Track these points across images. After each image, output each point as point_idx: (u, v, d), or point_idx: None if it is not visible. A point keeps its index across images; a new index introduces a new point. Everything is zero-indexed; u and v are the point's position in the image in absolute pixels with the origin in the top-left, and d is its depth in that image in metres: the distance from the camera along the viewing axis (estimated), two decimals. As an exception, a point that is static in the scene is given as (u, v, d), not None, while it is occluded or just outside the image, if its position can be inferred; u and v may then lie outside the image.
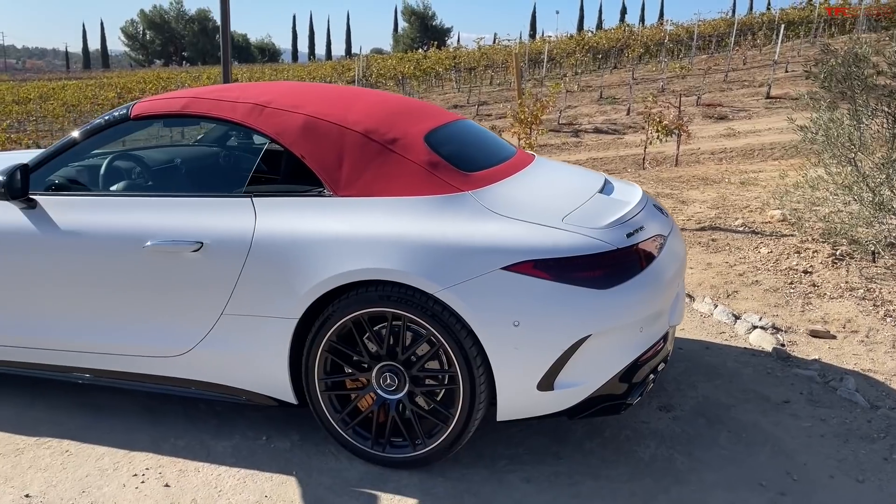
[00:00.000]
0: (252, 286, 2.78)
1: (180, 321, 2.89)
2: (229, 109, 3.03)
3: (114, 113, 3.16)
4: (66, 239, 2.95)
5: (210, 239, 2.80)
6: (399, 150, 2.86)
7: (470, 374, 2.58)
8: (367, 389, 2.78)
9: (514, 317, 2.52)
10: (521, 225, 2.63)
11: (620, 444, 2.97)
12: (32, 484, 2.65)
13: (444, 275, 2.54)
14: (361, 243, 2.65)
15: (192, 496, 2.60)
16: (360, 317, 2.68)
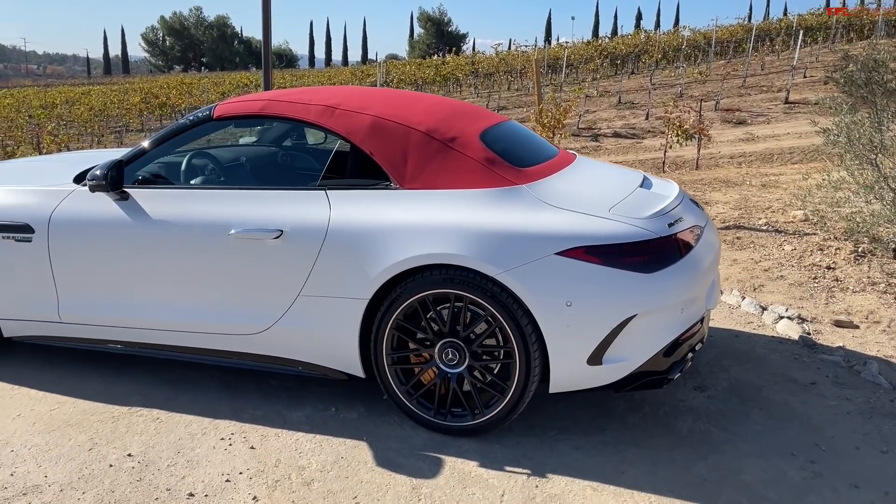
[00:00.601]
0: (327, 270, 3.07)
1: (260, 302, 3.19)
2: (303, 111, 3.33)
3: (197, 114, 3.47)
4: (157, 227, 3.26)
5: (289, 227, 3.09)
6: (458, 147, 3.15)
7: (525, 349, 2.86)
8: (430, 364, 3.06)
9: (567, 297, 2.79)
10: (572, 215, 2.91)
11: (660, 418, 3.23)
12: (132, 445, 2.95)
13: (504, 259, 2.82)
14: (427, 231, 2.93)
15: (275, 457, 2.89)
16: (426, 297, 2.96)
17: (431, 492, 2.68)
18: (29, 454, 2.88)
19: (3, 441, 2.96)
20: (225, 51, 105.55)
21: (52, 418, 3.15)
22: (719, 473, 2.81)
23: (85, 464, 2.82)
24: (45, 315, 3.50)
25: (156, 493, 2.65)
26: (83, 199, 3.39)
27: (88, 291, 3.41)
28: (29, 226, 3.41)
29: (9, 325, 3.58)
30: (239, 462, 2.85)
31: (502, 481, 2.74)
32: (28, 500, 2.59)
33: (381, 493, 2.67)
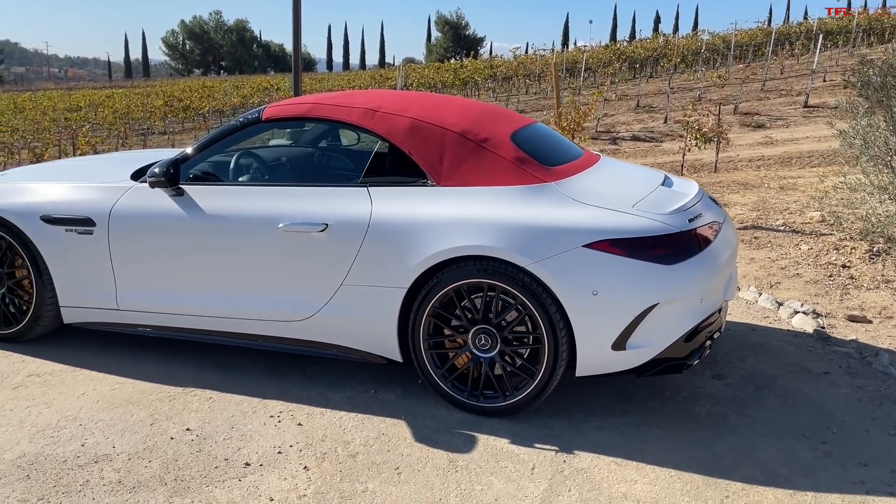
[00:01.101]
0: (368, 261, 3.30)
1: (305, 290, 3.43)
2: (346, 113, 3.57)
3: (246, 116, 3.72)
4: (210, 221, 3.51)
5: (334, 221, 3.33)
6: (490, 147, 3.37)
7: (554, 335, 3.07)
8: (463, 349, 3.28)
9: (593, 286, 3.01)
10: (598, 210, 3.12)
11: (679, 403, 3.43)
12: (190, 421, 3.20)
13: (534, 251, 3.04)
14: (463, 225, 3.16)
15: (322, 433, 3.13)
16: (461, 287, 3.18)
17: (467, 464, 2.90)
18: (96, 427, 3.13)
19: (71, 416, 3.22)
20: (244, 54, 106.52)
21: (113, 397, 3.41)
22: (735, 452, 3.01)
23: (148, 436, 3.07)
24: (104, 303, 3.76)
25: (215, 462, 2.89)
26: (141, 195, 3.65)
27: (144, 281, 3.67)
28: (90, 219, 3.67)
29: (70, 311, 3.84)
30: (288, 437, 3.09)
31: (532, 456, 2.96)
32: (100, 467, 2.83)
33: (420, 465, 2.89)
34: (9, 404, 3.32)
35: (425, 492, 2.72)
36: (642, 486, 2.77)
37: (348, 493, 2.71)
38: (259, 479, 2.78)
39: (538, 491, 2.73)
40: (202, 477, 2.79)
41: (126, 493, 2.67)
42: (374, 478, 2.80)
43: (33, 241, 3.74)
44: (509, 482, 2.78)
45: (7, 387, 3.49)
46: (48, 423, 3.15)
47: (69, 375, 3.62)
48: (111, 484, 2.72)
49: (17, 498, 2.63)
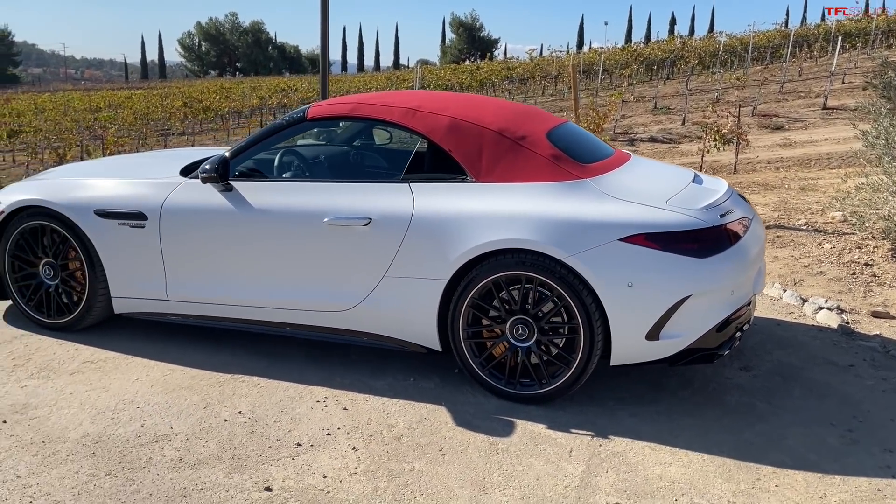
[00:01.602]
0: (410, 254, 3.44)
1: (349, 282, 3.58)
2: (387, 112, 3.73)
3: (292, 115, 3.89)
4: (258, 216, 3.67)
5: (377, 216, 3.48)
6: (527, 145, 3.51)
7: (590, 325, 3.21)
8: (501, 338, 3.42)
9: (629, 279, 3.14)
10: (633, 205, 3.25)
11: (709, 393, 3.56)
12: (241, 405, 3.36)
13: (572, 244, 3.18)
14: (502, 219, 3.30)
15: (367, 416, 3.28)
16: (499, 278, 3.32)
17: (507, 447, 3.04)
18: (153, 410, 3.29)
19: (128, 400, 3.39)
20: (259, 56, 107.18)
21: (166, 382, 3.57)
22: (765, 438, 3.13)
23: (203, 418, 3.23)
24: (154, 294, 3.93)
25: (268, 442, 3.04)
26: (191, 190, 3.81)
27: (194, 273, 3.83)
28: (142, 213, 3.84)
29: (121, 302, 4.02)
30: (336, 420, 3.24)
31: (569, 441, 3.09)
32: (160, 446, 3.00)
33: (463, 447, 3.03)
34: (68, 388, 3.49)
35: (469, 471, 2.86)
36: (676, 468, 2.90)
37: (396, 471, 2.85)
38: (311, 458, 2.93)
39: (577, 472, 2.86)
40: (257, 455, 2.94)
41: (187, 470, 2.83)
42: (419, 458, 2.95)
43: (87, 234, 3.92)
44: (549, 463, 2.92)
45: (65, 372, 3.66)
46: (107, 406, 3.32)
47: (122, 362, 3.79)
48: (173, 461, 2.88)
49: (86, 473, 2.79)
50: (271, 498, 2.67)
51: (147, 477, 2.78)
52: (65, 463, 2.86)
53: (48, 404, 3.33)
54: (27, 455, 2.90)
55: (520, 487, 2.76)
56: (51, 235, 4.06)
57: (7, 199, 4.10)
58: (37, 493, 2.65)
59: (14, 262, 4.14)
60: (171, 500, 2.64)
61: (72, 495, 2.65)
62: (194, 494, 2.67)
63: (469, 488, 2.75)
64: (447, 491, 2.73)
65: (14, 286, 4.18)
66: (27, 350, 3.92)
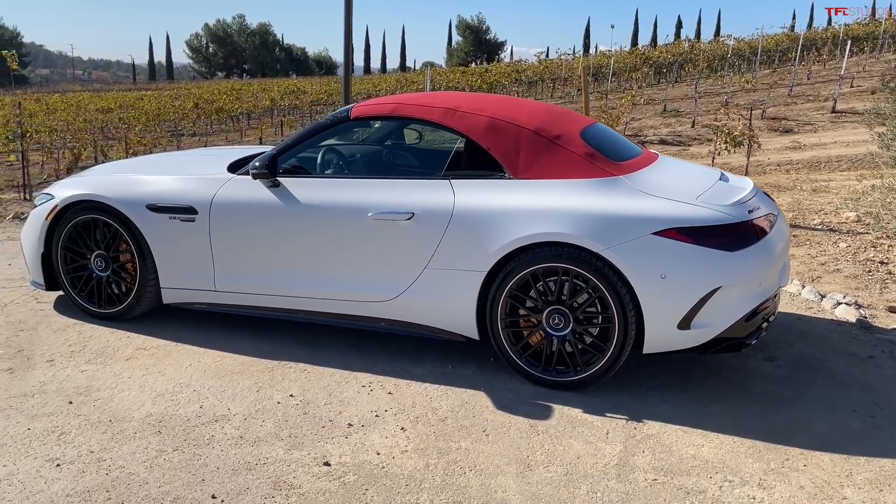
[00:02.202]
0: (451, 247, 3.62)
1: (391, 273, 3.76)
2: (428, 112, 3.91)
3: (336, 114, 4.07)
4: (305, 210, 3.85)
5: (419, 210, 3.65)
6: (563, 143, 3.69)
7: (624, 315, 3.38)
8: (537, 328, 3.59)
9: (662, 271, 3.31)
10: (665, 201, 3.43)
11: (735, 382, 3.72)
12: (291, 389, 3.54)
13: (607, 238, 3.35)
14: (540, 214, 3.47)
15: (411, 400, 3.45)
16: (537, 270, 3.49)
17: (547, 429, 3.21)
18: (209, 393, 3.48)
19: (184, 383, 3.57)
20: (266, 57, 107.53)
21: (217, 368, 3.75)
22: (792, 423, 3.29)
23: (257, 401, 3.41)
24: (202, 285, 4.11)
25: (321, 422, 3.22)
26: (240, 186, 4.00)
27: (241, 265, 4.02)
28: (193, 208, 4.02)
29: (170, 292, 4.20)
30: (382, 402, 3.42)
31: (605, 424, 3.26)
32: (220, 425, 3.18)
33: (505, 429, 3.20)
34: (126, 373, 3.68)
35: (513, 450, 3.03)
36: (709, 449, 3.07)
37: (444, 449, 3.03)
38: (363, 437, 3.11)
39: (615, 451, 3.03)
40: (313, 434, 3.12)
41: (249, 447, 3.01)
42: (465, 438, 3.12)
43: (139, 227, 4.11)
44: (587, 444, 3.09)
45: (120, 358, 3.85)
46: (165, 389, 3.51)
47: (173, 349, 3.98)
48: (234, 439, 3.06)
49: (155, 448, 2.97)
50: (330, 472, 2.84)
51: (212, 452, 2.96)
52: (133, 439, 3.04)
53: (109, 387, 3.52)
54: (97, 433, 3.09)
55: (562, 465, 2.93)
56: (103, 229, 4.24)
57: (61, 194, 4.30)
58: (112, 466, 2.83)
59: (66, 255, 4.33)
60: (237, 473, 2.81)
61: (145, 468, 2.83)
62: (258, 468, 2.85)
63: (515, 465, 2.92)
64: (494, 467, 2.90)
65: (66, 277, 4.37)
66: (81, 338, 4.11)
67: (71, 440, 3.02)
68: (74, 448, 2.96)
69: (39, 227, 4.33)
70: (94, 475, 2.78)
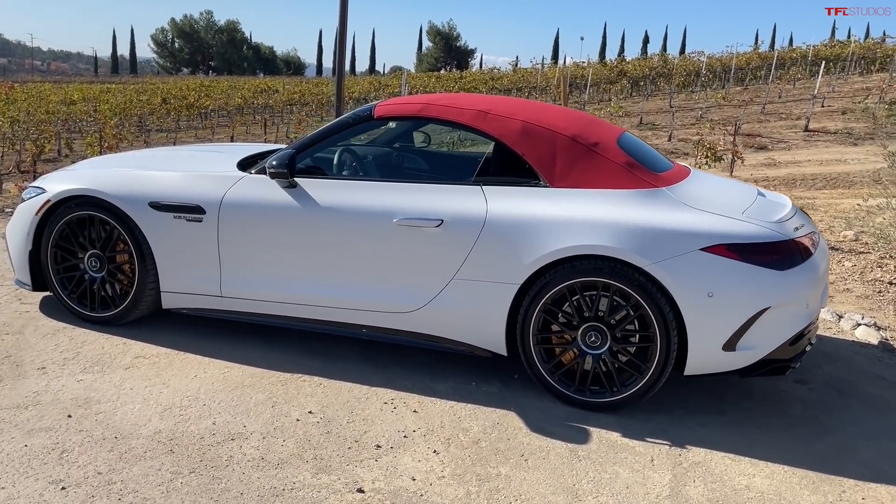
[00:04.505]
0: (482, 257, 3.41)
1: (416, 283, 3.53)
2: (458, 114, 3.70)
3: (358, 113, 3.84)
4: (323, 213, 3.60)
5: (449, 217, 3.44)
6: (601, 151, 3.51)
7: (667, 334, 3.21)
8: (571, 345, 3.41)
9: (709, 289, 3.15)
10: (712, 216, 3.27)
11: (771, 405, 3.58)
12: (309, 404, 3.29)
13: (653, 252, 3.18)
14: (580, 225, 3.29)
15: (439, 420, 3.23)
16: (575, 284, 3.31)
17: (588, 454, 3.02)
18: (220, 408, 3.21)
19: (191, 397, 3.30)
20: (234, 55, 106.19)
21: (226, 379, 3.49)
22: (837, 450, 3.15)
23: (274, 417, 3.15)
24: (207, 289, 3.84)
25: (346, 443, 2.98)
26: (253, 185, 3.74)
27: (252, 269, 3.75)
28: (200, 207, 3.75)
29: (170, 297, 3.91)
30: (409, 422, 3.19)
31: (647, 449, 3.09)
32: (238, 444, 2.92)
33: (543, 454, 3.01)
34: (126, 383, 3.39)
35: (557, 478, 2.83)
36: (761, 479, 2.91)
37: (484, 476, 2.82)
38: (395, 461, 2.88)
39: (664, 481, 2.85)
40: (340, 457, 2.88)
41: (272, 469, 2.76)
42: (503, 463, 2.92)
43: (140, 226, 3.82)
44: (634, 472, 2.91)
45: (118, 367, 3.56)
46: (172, 403, 3.23)
47: (175, 358, 3.70)
48: (255, 460, 2.81)
49: (169, 470, 2.71)
50: (365, 499, 2.61)
51: (232, 475, 2.70)
52: (143, 459, 2.77)
53: (110, 399, 3.23)
54: (103, 451, 2.81)
55: (612, 495, 2.74)
56: (99, 227, 3.94)
57: (53, 189, 3.98)
58: (123, 490, 2.56)
59: (57, 253, 4.02)
60: (263, 500, 2.57)
61: (160, 492, 2.57)
62: (287, 494, 2.61)
63: (562, 495, 2.72)
64: (541, 497, 2.70)
65: (56, 278, 4.05)
66: (73, 343, 3.80)
67: (74, 459, 2.74)
68: (79, 468, 2.68)
69: (28, 223, 4.01)
70: (105, 500, 2.51)
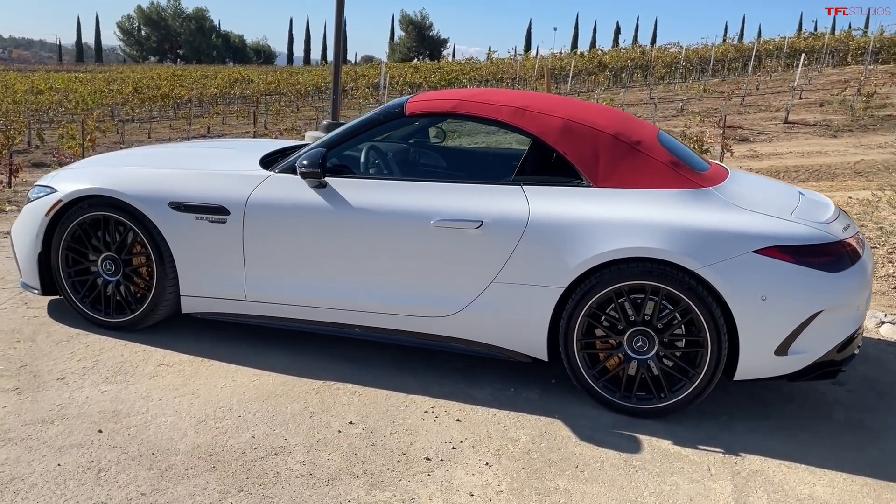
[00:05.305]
0: (524, 260, 3.30)
1: (452, 286, 3.41)
2: (495, 111, 3.57)
3: (388, 110, 3.69)
4: (356, 214, 3.45)
5: (490, 219, 3.32)
6: (644, 150, 3.41)
7: (718, 339, 3.12)
8: (617, 350, 3.31)
9: (762, 292, 3.07)
10: (763, 217, 3.19)
11: (813, 408, 3.53)
12: (347, 414, 3.15)
13: (704, 255, 3.09)
14: (627, 227, 3.19)
15: (485, 429, 3.12)
16: (622, 288, 3.21)
17: (643, 464, 2.93)
18: (256, 419, 3.06)
19: (225, 407, 3.14)
20: (202, 43, 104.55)
21: (257, 388, 3.33)
22: (891, 455, 3.10)
23: (314, 428, 3.01)
24: (230, 293, 3.67)
25: (394, 455, 2.86)
26: (280, 185, 3.57)
27: (278, 272, 3.59)
28: (224, 208, 3.58)
29: (190, 301, 3.74)
30: (454, 432, 3.07)
31: (702, 458, 3.00)
32: (282, 458, 2.78)
33: (598, 464, 2.91)
34: (154, 394, 3.22)
35: (617, 490, 2.74)
36: (821, 488, 2.84)
37: (542, 490, 2.71)
38: (448, 475, 2.76)
39: (726, 492, 2.77)
40: (390, 471, 2.75)
41: (323, 486, 2.62)
42: (559, 476, 2.81)
43: (159, 227, 3.64)
44: (693, 482, 2.82)
45: (143, 376, 3.38)
46: (206, 414, 3.07)
47: (200, 366, 3.53)
48: (303, 476, 2.67)
49: (216, 489, 2.56)
50: (426, 519, 2.50)
51: (283, 493, 2.56)
52: (187, 477, 2.61)
53: (140, 411, 3.06)
54: (142, 469, 2.65)
55: (677, 508, 2.66)
56: (114, 228, 3.75)
57: (65, 188, 3.78)
58: (171, 514, 2.42)
59: (69, 256, 3.82)
60: (321, 522, 2.44)
61: (211, 516, 2.42)
62: (344, 515, 2.48)
63: (627, 509, 2.63)
64: (605, 511, 2.61)
65: (68, 281, 3.85)
66: (90, 351, 3.61)
67: (113, 479, 2.58)
68: (120, 489, 2.52)
69: (38, 224, 3.80)
70: (153, 525, 2.36)
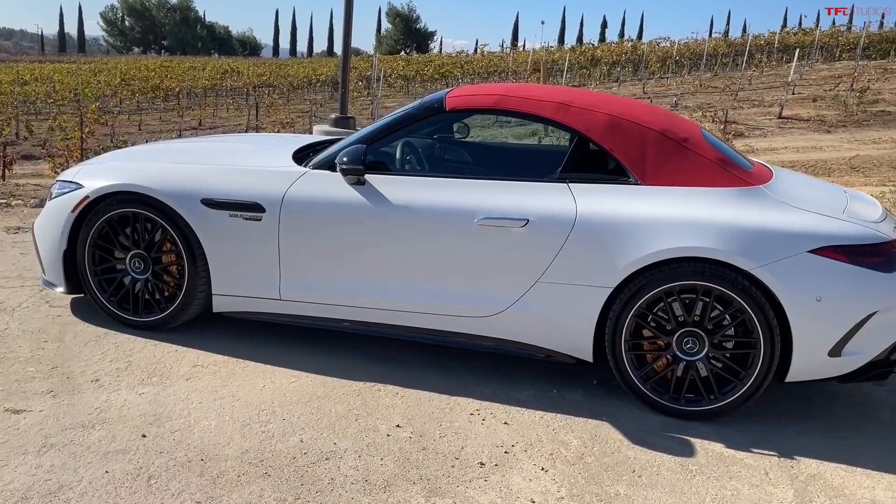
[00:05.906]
0: (571, 259, 3.23)
1: (496, 286, 3.33)
2: (538, 107, 3.49)
3: (427, 105, 3.60)
4: (397, 212, 3.36)
5: (536, 217, 3.24)
6: (692, 147, 3.35)
7: (771, 340, 3.07)
8: (665, 351, 3.25)
9: (817, 293, 3.02)
10: (816, 216, 3.13)
11: (859, 409, 3.49)
12: (393, 418, 3.07)
13: (759, 255, 3.03)
14: (679, 226, 3.12)
15: (534, 432, 3.05)
16: (672, 288, 3.14)
17: (699, 468, 2.87)
18: (301, 422, 2.97)
19: (268, 410, 3.05)
20: (187, 34, 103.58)
21: (297, 390, 3.25)
22: (945, 458, 3.07)
23: (361, 432, 2.93)
24: (264, 292, 3.57)
25: (447, 460, 2.78)
26: (317, 182, 3.48)
27: (315, 271, 3.50)
28: (259, 205, 3.48)
29: (223, 300, 3.64)
30: (504, 436, 3.00)
31: (758, 462, 2.95)
32: (334, 464, 2.69)
33: (654, 469, 2.85)
34: (193, 397, 3.13)
35: (679, 496, 2.68)
36: (881, 492, 2.80)
37: (603, 496, 2.64)
38: (505, 480, 2.69)
39: (787, 497, 2.72)
40: (445, 476, 2.68)
41: (380, 493, 2.55)
42: (617, 481, 2.75)
43: (191, 225, 3.53)
44: (753, 487, 2.77)
45: (179, 378, 3.29)
46: (249, 417, 2.99)
47: (235, 367, 3.44)
48: (359, 482, 2.59)
49: (272, 497, 2.47)
50: (491, 527, 2.43)
51: (341, 501, 2.48)
52: (240, 484, 2.53)
53: (181, 415, 2.97)
54: (193, 475, 2.56)
55: (742, 514, 2.60)
56: (143, 225, 3.64)
57: (92, 185, 3.66)
58: (231, 524, 2.33)
59: (95, 254, 3.71)
60: (385, 531, 2.36)
61: (272, 526, 2.34)
62: (408, 524, 2.40)
63: (693, 515, 2.57)
64: (671, 518, 2.55)
65: (94, 280, 3.74)
66: (121, 351, 3.51)
67: (165, 486, 2.49)
68: (174, 497, 2.43)
69: (63, 221, 3.68)
70: (213, 536, 2.27)
